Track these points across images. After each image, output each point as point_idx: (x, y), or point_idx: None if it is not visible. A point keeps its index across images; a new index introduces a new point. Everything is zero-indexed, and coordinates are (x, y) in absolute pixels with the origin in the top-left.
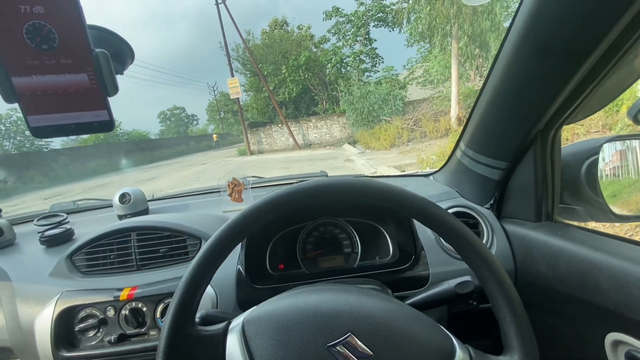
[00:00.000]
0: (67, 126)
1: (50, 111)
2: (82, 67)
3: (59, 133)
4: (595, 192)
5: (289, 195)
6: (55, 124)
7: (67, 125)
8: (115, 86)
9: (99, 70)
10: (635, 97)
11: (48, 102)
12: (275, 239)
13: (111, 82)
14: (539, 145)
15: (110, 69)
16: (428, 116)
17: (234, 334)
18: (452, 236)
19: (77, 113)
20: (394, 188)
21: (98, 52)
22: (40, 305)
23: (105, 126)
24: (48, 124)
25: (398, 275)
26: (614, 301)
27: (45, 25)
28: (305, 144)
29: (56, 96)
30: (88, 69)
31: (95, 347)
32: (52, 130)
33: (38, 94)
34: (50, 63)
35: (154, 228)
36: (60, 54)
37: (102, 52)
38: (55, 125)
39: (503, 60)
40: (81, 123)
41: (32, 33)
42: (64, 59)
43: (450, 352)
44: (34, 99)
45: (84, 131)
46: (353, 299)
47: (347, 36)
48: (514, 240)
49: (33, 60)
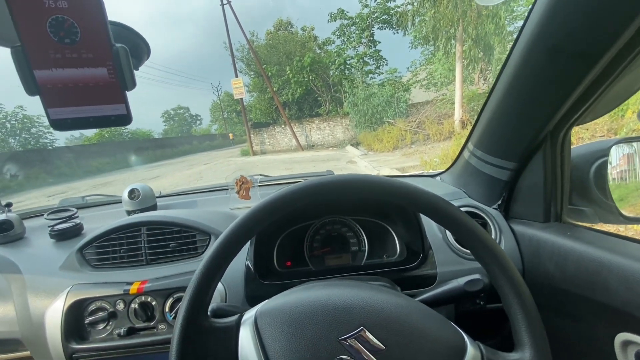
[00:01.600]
0: (86, 119)
1: (71, 104)
2: (102, 62)
3: (78, 126)
4: (604, 193)
5: (300, 191)
6: (74, 116)
7: (86, 119)
8: (133, 81)
9: (119, 64)
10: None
11: (68, 95)
12: (282, 237)
13: (130, 77)
14: (549, 146)
15: (129, 63)
16: (431, 119)
17: (246, 326)
18: (464, 233)
19: (96, 106)
20: (406, 185)
21: (118, 47)
22: (50, 298)
23: (123, 120)
24: (68, 117)
25: (405, 273)
26: (623, 301)
27: (68, 20)
28: (308, 145)
29: (76, 89)
30: (108, 63)
31: (105, 340)
32: (71, 123)
33: (59, 87)
34: (72, 57)
35: (163, 223)
36: (81, 48)
37: (122, 47)
38: (75, 118)
39: (514, 61)
40: (99, 116)
41: (55, 27)
42: (85, 53)
43: (462, 348)
44: (55, 92)
45: (102, 124)
46: (365, 294)
47: (351, 38)
48: (522, 241)
49: (55, 53)
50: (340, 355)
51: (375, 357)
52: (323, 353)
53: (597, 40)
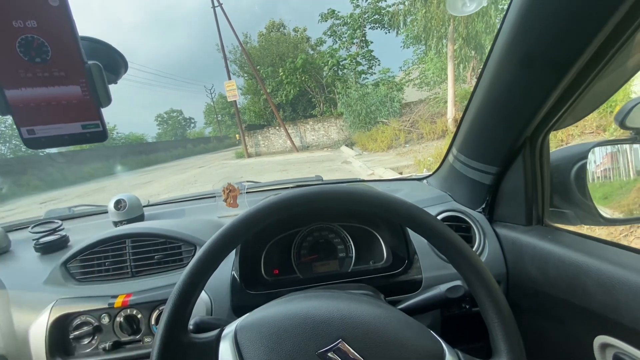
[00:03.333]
0: (60, 137)
1: (43, 122)
2: (75, 79)
3: (52, 144)
4: (585, 195)
5: (282, 202)
6: (48, 135)
7: (60, 136)
8: (108, 97)
9: (92, 82)
10: (629, 98)
11: (41, 114)
12: (269, 245)
13: (104, 93)
14: (528, 151)
15: (103, 80)
16: (425, 118)
17: (226, 341)
18: (441, 242)
19: (70, 124)
20: (384, 196)
21: (91, 64)
22: (35, 313)
23: (98, 136)
24: (41, 135)
25: (391, 279)
26: (601, 304)
27: (38, 39)
28: (302, 146)
29: (49, 108)
30: (81, 80)
31: (90, 355)
32: (45, 142)
33: (31, 106)
34: (44, 76)
35: (148, 235)
36: (53, 66)
37: (95, 64)
38: (49, 137)
39: (491, 68)
40: (74, 134)
41: (25, 47)
42: (57, 71)
43: (440, 356)
44: (27, 111)
45: (77, 142)
46: (344, 306)
47: (343, 38)
48: (506, 244)
49: (26, 73)
50: None
51: None
52: None
53: (567, 49)
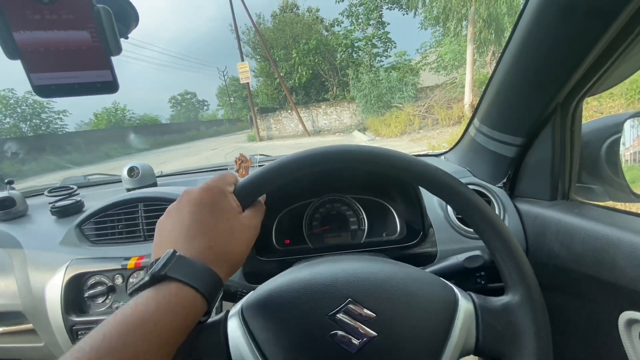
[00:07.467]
0: (71, 85)
1: (53, 69)
2: (84, 24)
3: (63, 92)
4: (616, 171)
5: (312, 156)
6: (58, 82)
7: (70, 85)
8: (119, 46)
9: (101, 27)
10: None
11: (50, 60)
12: (281, 215)
13: (114, 41)
14: (559, 119)
15: (112, 27)
16: (440, 103)
17: (234, 319)
18: (462, 204)
19: (81, 72)
20: (410, 158)
21: (100, 7)
22: (51, 272)
23: (109, 87)
24: (51, 83)
25: (405, 251)
26: (631, 279)
27: None
28: (314, 130)
29: (59, 53)
30: (90, 25)
31: (104, 313)
32: (55, 89)
33: (41, 51)
34: (52, 18)
35: (160, 199)
36: (61, 8)
37: (104, 8)
38: (59, 84)
39: (523, 25)
40: (85, 83)
41: None
42: (65, 14)
43: (454, 301)
44: (37, 56)
45: (88, 91)
46: (348, 266)
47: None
48: (527, 220)
49: (34, 14)
50: (333, 331)
51: (368, 326)
52: (315, 332)
53: None
